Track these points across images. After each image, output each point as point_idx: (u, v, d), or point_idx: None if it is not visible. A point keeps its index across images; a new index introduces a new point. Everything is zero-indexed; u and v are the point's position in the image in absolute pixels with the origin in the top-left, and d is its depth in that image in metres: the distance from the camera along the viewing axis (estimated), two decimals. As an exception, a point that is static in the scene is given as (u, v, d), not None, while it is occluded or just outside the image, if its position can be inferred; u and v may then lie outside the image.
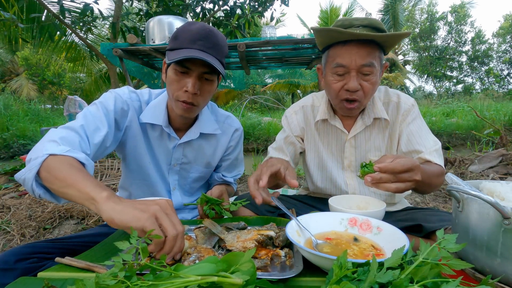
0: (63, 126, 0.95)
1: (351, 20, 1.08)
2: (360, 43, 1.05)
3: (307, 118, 1.33)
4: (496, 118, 7.61)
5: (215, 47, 1.00)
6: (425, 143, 1.15)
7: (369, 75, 1.08)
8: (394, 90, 1.27)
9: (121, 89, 1.14)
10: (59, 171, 0.78)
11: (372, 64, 1.06)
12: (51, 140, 0.86)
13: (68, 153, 0.83)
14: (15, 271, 0.78)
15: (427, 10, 22.33)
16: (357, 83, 1.07)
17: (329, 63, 1.13)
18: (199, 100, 1.05)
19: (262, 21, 11.89)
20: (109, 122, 1.04)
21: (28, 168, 0.81)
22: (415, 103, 1.24)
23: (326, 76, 1.16)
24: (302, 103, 1.36)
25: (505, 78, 22.22)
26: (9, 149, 8.00)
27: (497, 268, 0.56)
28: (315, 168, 1.34)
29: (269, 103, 16.34)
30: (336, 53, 1.10)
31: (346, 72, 1.08)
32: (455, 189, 0.62)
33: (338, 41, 1.08)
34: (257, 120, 10.34)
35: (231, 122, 1.30)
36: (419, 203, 2.91)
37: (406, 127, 1.19)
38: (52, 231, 2.38)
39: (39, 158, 0.80)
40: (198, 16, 5.82)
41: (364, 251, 0.71)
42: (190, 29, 0.99)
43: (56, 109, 15.00)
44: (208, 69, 1.01)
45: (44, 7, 4.84)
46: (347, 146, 1.26)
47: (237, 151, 1.35)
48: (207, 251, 0.74)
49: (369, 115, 1.21)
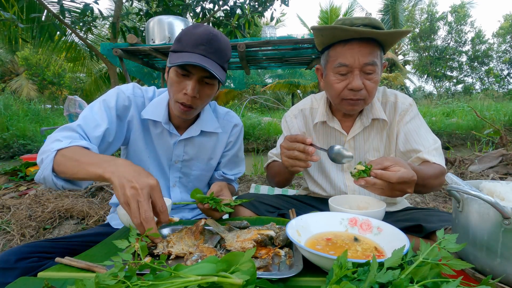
0: (61, 127, 0.99)
1: (351, 19, 1.07)
2: (361, 41, 1.04)
3: (307, 121, 1.33)
4: (496, 118, 7.62)
5: (217, 52, 1.01)
6: (424, 142, 1.14)
7: (371, 73, 1.07)
8: (392, 90, 1.27)
9: (125, 85, 1.16)
10: (69, 160, 0.87)
11: (375, 62, 1.06)
12: (54, 140, 0.94)
13: (71, 144, 0.91)
14: (16, 270, 0.79)
15: (427, 10, 22.33)
16: (361, 82, 1.06)
17: (331, 63, 1.12)
18: (198, 103, 1.07)
19: (262, 21, 11.89)
20: (110, 118, 1.07)
21: (43, 167, 0.89)
22: (413, 103, 1.23)
23: (327, 77, 1.14)
24: (301, 106, 1.36)
25: (505, 78, 22.24)
26: (9, 149, 8.01)
27: (497, 268, 0.56)
28: (314, 170, 1.34)
29: (269, 103, 16.34)
30: (337, 53, 1.09)
31: (349, 71, 1.08)
32: (455, 189, 0.62)
33: (339, 41, 1.07)
34: (257, 120, 10.34)
35: (230, 118, 1.31)
36: (419, 203, 2.91)
37: (404, 126, 1.19)
38: (52, 231, 2.38)
39: (49, 156, 0.89)
40: (198, 16, 5.82)
41: (364, 251, 0.71)
42: (194, 33, 1.00)
43: (56, 109, 15.00)
44: (209, 74, 1.02)
45: (44, 7, 4.84)
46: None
47: (237, 147, 1.34)
48: (210, 250, 0.75)
49: (368, 116, 1.21)
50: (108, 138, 1.07)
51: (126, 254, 0.53)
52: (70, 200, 2.69)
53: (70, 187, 0.95)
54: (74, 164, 0.85)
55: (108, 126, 1.05)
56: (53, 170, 0.89)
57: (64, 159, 0.88)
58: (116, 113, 1.09)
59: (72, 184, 0.94)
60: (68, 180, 0.92)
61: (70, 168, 0.86)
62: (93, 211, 2.57)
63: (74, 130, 0.99)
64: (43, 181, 0.91)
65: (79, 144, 0.92)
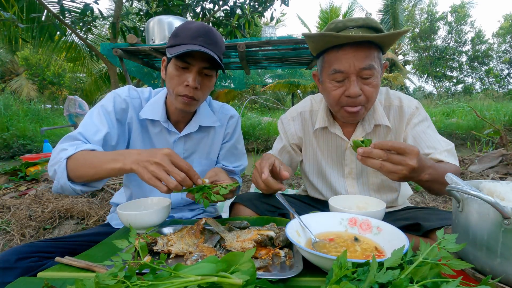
0: (63, 138, 1.03)
1: (344, 21, 1.02)
2: (356, 45, 0.99)
3: (305, 125, 1.29)
4: (496, 118, 7.61)
5: (215, 44, 1.04)
6: (435, 144, 1.08)
7: (369, 78, 1.02)
8: (395, 93, 1.21)
9: (121, 89, 1.18)
10: (83, 165, 0.91)
11: (372, 66, 1.00)
12: (60, 150, 0.97)
13: (78, 149, 0.94)
14: (16, 270, 0.79)
15: (427, 10, 22.34)
16: (358, 88, 1.01)
17: (326, 69, 1.06)
18: (199, 95, 1.08)
19: (262, 21, 11.89)
20: (110, 122, 1.08)
21: (58, 178, 0.93)
22: (420, 105, 1.16)
23: (324, 83, 1.10)
24: (300, 108, 1.31)
25: (505, 78, 22.24)
26: (9, 149, 8.01)
27: (497, 268, 0.56)
28: (314, 176, 1.32)
29: (269, 103, 16.34)
30: (332, 59, 1.03)
31: (345, 77, 1.02)
32: (455, 189, 0.62)
33: (333, 46, 1.02)
34: (257, 120, 10.34)
35: (226, 110, 1.31)
36: (419, 203, 2.91)
37: (412, 130, 1.13)
38: (52, 231, 2.38)
39: (61, 165, 0.92)
40: (198, 16, 5.82)
41: (364, 251, 0.71)
42: (190, 27, 1.03)
43: (56, 109, 15.01)
44: (208, 64, 1.05)
45: (44, 7, 4.84)
46: (347, 153, 1.22)
47: (235, 138, 1.33)
48: (210, 250, 0.75)
49: (370, 122, 1.16)
50: (110, 142, 1.08)
51: (126, 254, 0.53)
52: (70, 200, 2.69)
53: (88, 190, 0.99)
54: (90, 167, 0.89)
55: (109, 130, 1.07)
56: (69, 178, 0.93)
57: (77, 164, 0.92)
58: (115, 116, 1.11)
59: (89, 187, 0.98)
60: (85, 183, 0.97)
61: (88, 171, 0.90)
62: (93, 211, 2.57)
63: (76, 138, 1.01)
64: (61, 190, 0.95)
65: (85, 148, 0.96)
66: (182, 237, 0.80)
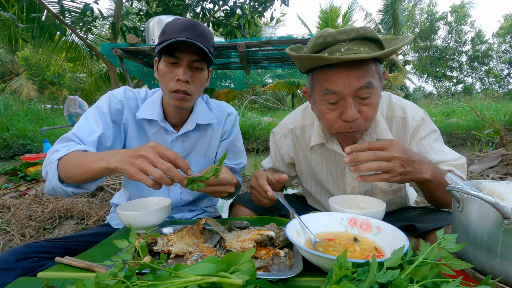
0: (58, 139, 1.03)
1: (335, 35, 0.86)
2: (351, 62, 0.85)
3: (298, 142, 1.20)
4: (496, 118, 7.60)
5: (202, 36, 1.03)
6: (442, 158, 1.00)
7: (368, 97, 0.89)
8: (399, 101, 1.09)
9: (117, 90, 1.18)
10: (73, 165, 0.90)
11: (370, 84, 0.87)
12: (53, 151, 0.97)
13: (69, 150, 0.94)
14: (16, 270, 0.79)
15: (427, 10, 22.33)
16: (355, 111, 0.88)
17: (317, 89, 0.93)
18: (192, 89, 1.08)
19: (262, 21, 11.88)
20: (105, 123, 1.09)
21: (49, 179, 0.93)
22: (426, 115, 1.05)
23: (316, 103, 0.97)
24: (291, 124, 1.20)
25: (505, 78, 22.23)
26: (9, 149, 8.00)
27: (497, 268, 0.56)
28: (312, 186, 1.27)
29: (269, 103, 16.33)
30: (323, 78, 0.90)
31: (340, 99, 0.90)
32: (455, 189, 0.62)
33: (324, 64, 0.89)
34: (257, 120, 10.33)
35: (223, 108, 1.31)
36: (419, 203, 2.91)
37: (417, 144, 1.03)
38: (52, 231, 2.38)
39: (52, 166, 0.92)
40: (198, 16, 5.82)
41: (364, 251, 0.71)
42: (175, 23, 1.03)
43: (56, 109, 15.00)
44: (197, 57, 1.04)
45: (44, 7, 4.85)
46: (347, 171, 1.13)
47: (233, 135, 1.30)
48: (210, 250, 0.75)
49: (371, 136, 1.06)
50: (105, 143, 1.08)
51: (126, 254, 0.53)
52: (70, 200, 2.69)
53: (80, 192, 0.98)
54: (78, 167, 0.88)
55: (104, 131, 1.06)
56: (60, 179, 0.93)
57: (67, 165, 0.91)
58: (111, 117, 1.11)
59: (81, 189, 0.98)
60: (77, 185, 0.96)
61: (76, 172, 0.89)
62: (93, 211, 2.57)
63: (70, 139, 1.01)
64: (52, 192, 0.95)
65: (77, 149, 0.95)
66: (182, 237, 0.80)
